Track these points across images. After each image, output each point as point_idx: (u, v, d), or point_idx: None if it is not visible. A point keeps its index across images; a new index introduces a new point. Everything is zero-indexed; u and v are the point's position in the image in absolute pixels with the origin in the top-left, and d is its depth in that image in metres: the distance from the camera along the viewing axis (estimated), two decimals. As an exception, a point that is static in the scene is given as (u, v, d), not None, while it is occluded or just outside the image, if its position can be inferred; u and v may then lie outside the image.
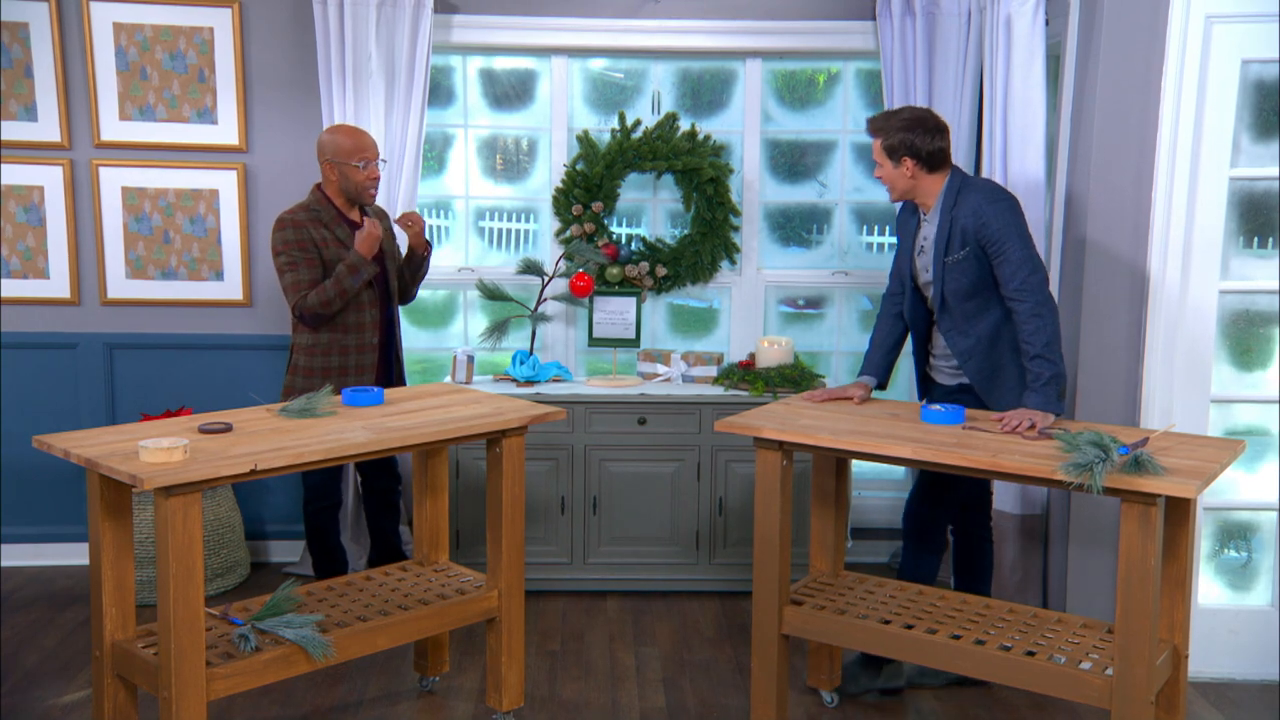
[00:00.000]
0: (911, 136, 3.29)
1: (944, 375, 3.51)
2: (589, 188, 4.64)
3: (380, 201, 4.38)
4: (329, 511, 3.93)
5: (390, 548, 4.08)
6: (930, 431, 3.01)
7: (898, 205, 3.66)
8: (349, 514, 4.51)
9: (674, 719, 3.45)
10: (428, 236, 4.00)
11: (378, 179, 3.82)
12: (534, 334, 4.59)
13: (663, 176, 4.73)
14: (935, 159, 3.32)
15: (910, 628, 3.04)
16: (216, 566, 4.37)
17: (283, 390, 3.84)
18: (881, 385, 3.57)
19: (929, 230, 3.39)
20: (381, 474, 4.05)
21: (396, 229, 4.21)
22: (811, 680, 3.55)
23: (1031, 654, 2.87)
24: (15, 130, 4.48)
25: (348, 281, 3.68)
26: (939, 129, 3.32)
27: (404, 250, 4.09)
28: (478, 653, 3.86)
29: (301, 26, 4.49)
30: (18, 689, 3.56)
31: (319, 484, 3.88)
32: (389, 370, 3.99)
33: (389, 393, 3.46)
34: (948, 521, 3.58)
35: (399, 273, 4.01)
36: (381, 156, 4.01)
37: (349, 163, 3.74)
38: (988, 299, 3.33)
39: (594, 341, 4.64)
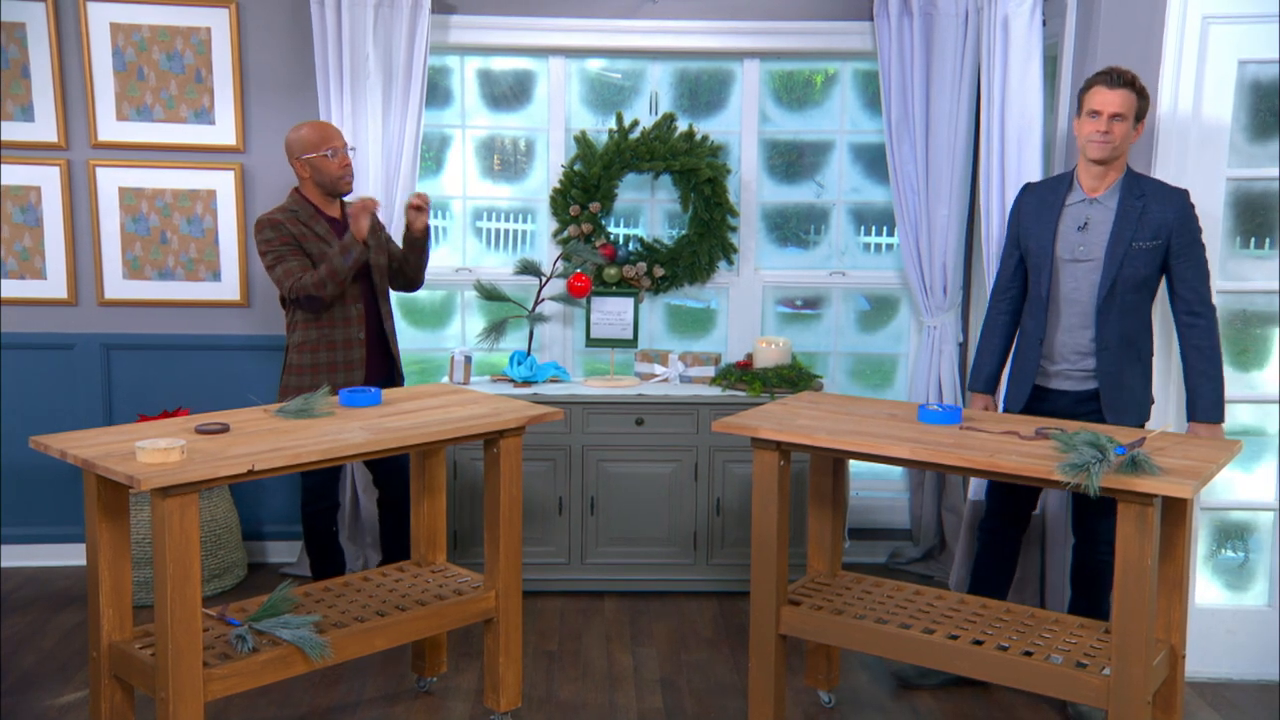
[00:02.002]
0: (1148, 106, 3.32)
1: (1068, 380, 3.40)
2: (587, 188, 4.64)
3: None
4: (327, 514, 3.92)
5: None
6: (927, 431, 3.01)
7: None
8: (346, 515, 4.51)
9: (671, 719, 3.45)
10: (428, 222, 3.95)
11: (349, 165, 3.80)
12: (531, 334, 4.59)
13: (660, 177, 4.73)
14: None
15: (907, 628, 3.04)
16: (214, 567, 4.37)
17: (279, 390, 3.84)
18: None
19: (1094, 210, 3.32)
20: (394, 484, 3.99)
21: (379, 215, 4.16)
22: (809, 680, 3.55)
23: (1029, 654, 2.87)
24: (12, 130, 4.48)
25: (338, 262, 3.64)
26: None
27: (400, 237, 4.04)
28: (475, 653, 3.86)
29: (299, 27, 4.48)
30: (15, 690, 3.56)
31: (316, 485, 3.87)
32: (382, 366, 3.94)
33: (387, 393, 3.46)
34: (1021, 535, 3.60)
35: (403, 260, 3.96)
36: (350, 145, 3.97)
37: (318, 154, 3.74)
38: (1146, 297, 3.33)
39: (591, 342, 4.64)
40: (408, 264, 3.97)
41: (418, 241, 3.91)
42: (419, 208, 3.83)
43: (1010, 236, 3.54)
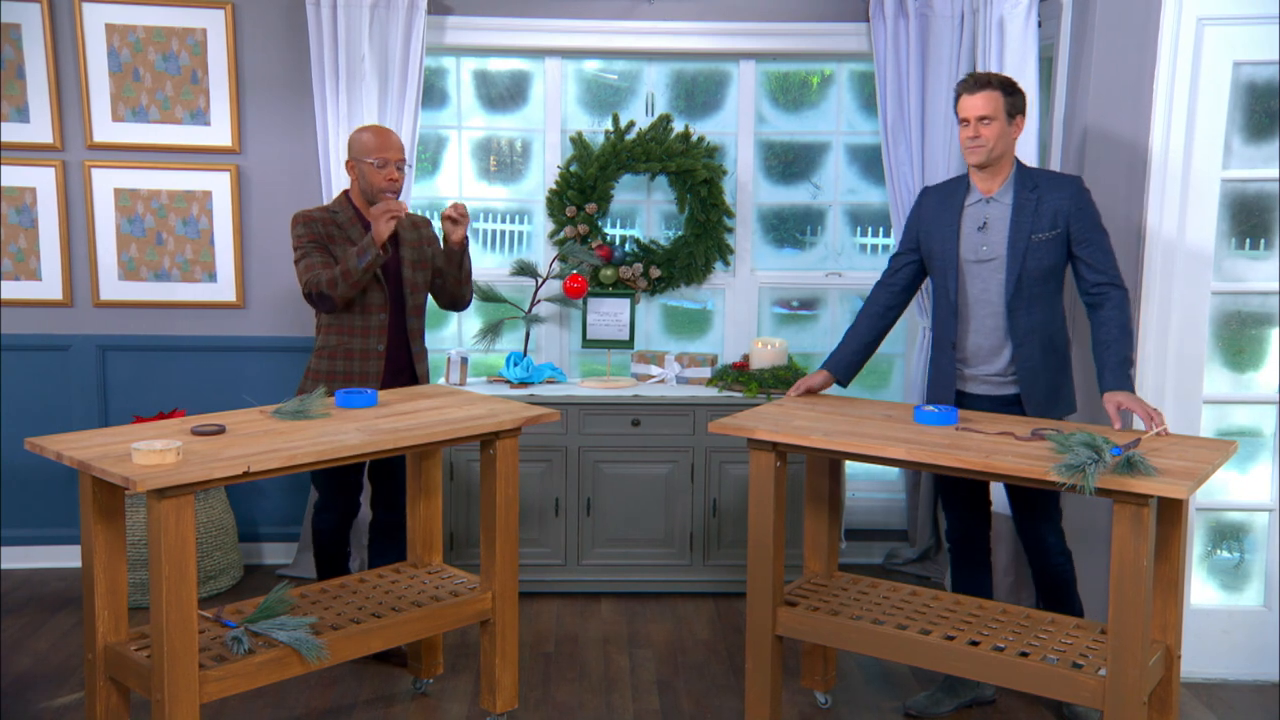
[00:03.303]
0: (1024, 100, 3.27)
1: (985, 385, 3.38)
2: (583, 189, 4.64)
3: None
4: (333, 533, 3.75)
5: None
6: (923, 432, 3.02)
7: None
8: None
9: (668, 720, 3.46)
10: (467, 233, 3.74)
11: (396, 182, 3.60)
12: (528, 335, 4.59)
13: (657, 178, 4.73)
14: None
15: (904, 628, 3.04)
16: (209, 569, 4.37)
17: (296, 391, 3.68)
18: (843, 383, 3.51)
19: (992, 209, 3.29)
20: (390, 507, 3.81)
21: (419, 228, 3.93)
22: (805, 681, 3.55)
23: (1025, 655, 2.87)
24: (8, 132, 4.47)
25: (353, 262, 3.47)
26: None
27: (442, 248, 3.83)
28: (472, 655, 3.86)
29: (294, 28, 4.48)
30: (11, 692, 3.55)
31: (320, 498, 3.73)
32: (404, 386, 3.73)
33: (383, 394, 3.45)
34: (988, 533, 3.54)
35: (442, 275, 3.77)
36: (407, 162, 3.69)
37: (365, 160, 3.57)
38: (1055, 288, 3.30)
39: (588, 343, 4.64)
40: (446, 279, 3.77)
41: (454, 254, 3.71)
42: (455, 220, 3.63)
43: (909, 236, 3.49)
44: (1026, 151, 4.09)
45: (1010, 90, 3.25)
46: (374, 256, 3.48)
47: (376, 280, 3.60)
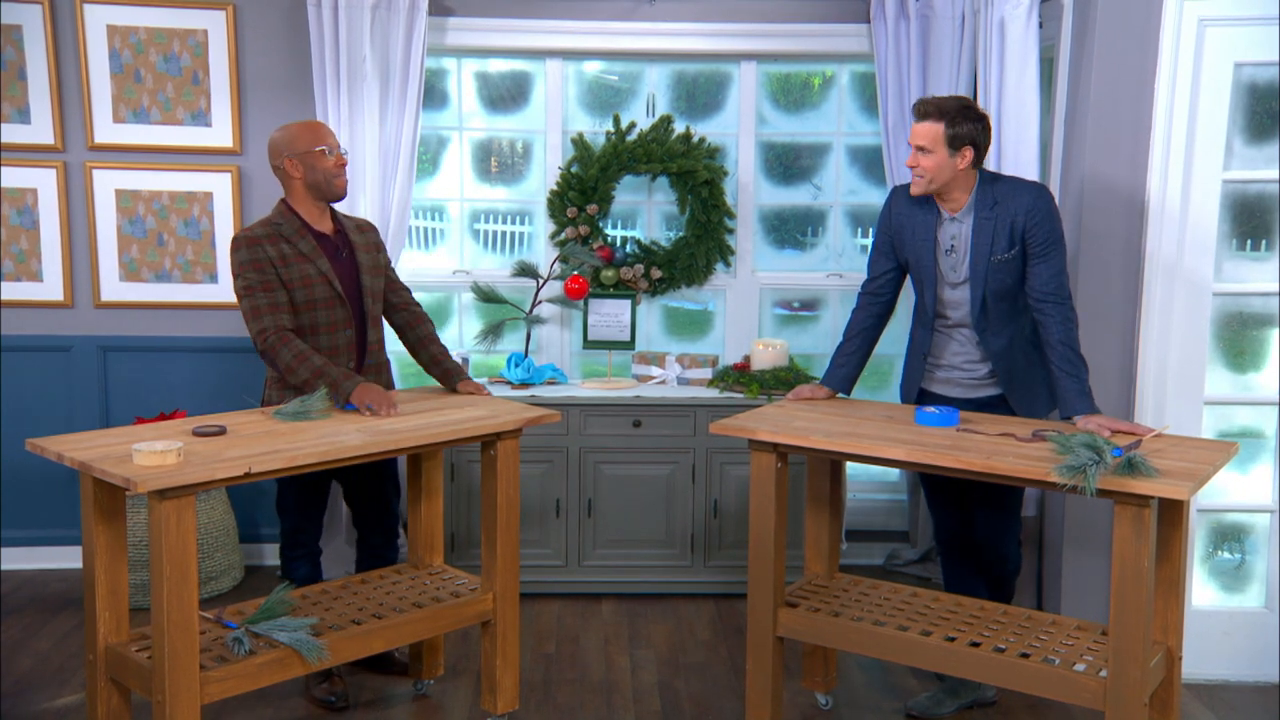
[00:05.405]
0: (976, 128, 3.17)
1: (960, 388, 3.39)
2: (584, 190, 4.64)
3: (374, 206, 4.37)
4: (305, 561, 3.59)
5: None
6: (924, 433, 3.02)
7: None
8: (343, 520, 4.51)
9: (669, 721, 3.45)
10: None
11: (345, 166, 3.41)
12: (529, 336, 4.60)
13: (658, 179, 4.73)
14: (984, 154, 3.24)
15: (905, 629, 3.04)
16: (210, 570, 4.37)
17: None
18: (844, 395, 3.52)
19: (957, 229, 3.27)
20: (375, 529, 3.68)
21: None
22: (806, 682, 3.55)
23: (1026, 656, 2.87)
24: (9, 133, 4.47)
25: (315, 380, 3.22)
26: (989, 122, 3.25)
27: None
28: (472, 656, 3.86)
29: (296, 29, 4.48)
30: (12, 693, 3.55)
31: (289, 530, 3.55)
32: None
33: (384, 395, 3.45)
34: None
35: (404, 336, 3.62)
36: (345, 149, 3.44)
37: (312, 150, 3.34)
38: (1018, 298, 3.29)
39: (589, 344, 4.64)
40: (404, 337, 3.62)
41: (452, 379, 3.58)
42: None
43: (884, 241, 3.42)
44: (1027, 153, 4.09)
45: (955, 121, 3.14)
46: (336, 399, 3.24)
47: (336, 295, 3.38)
